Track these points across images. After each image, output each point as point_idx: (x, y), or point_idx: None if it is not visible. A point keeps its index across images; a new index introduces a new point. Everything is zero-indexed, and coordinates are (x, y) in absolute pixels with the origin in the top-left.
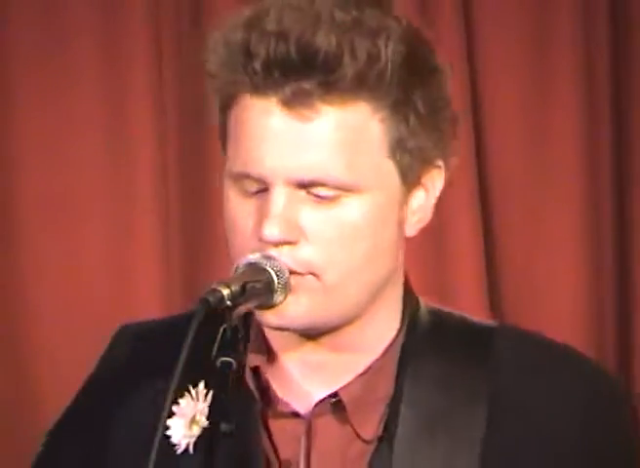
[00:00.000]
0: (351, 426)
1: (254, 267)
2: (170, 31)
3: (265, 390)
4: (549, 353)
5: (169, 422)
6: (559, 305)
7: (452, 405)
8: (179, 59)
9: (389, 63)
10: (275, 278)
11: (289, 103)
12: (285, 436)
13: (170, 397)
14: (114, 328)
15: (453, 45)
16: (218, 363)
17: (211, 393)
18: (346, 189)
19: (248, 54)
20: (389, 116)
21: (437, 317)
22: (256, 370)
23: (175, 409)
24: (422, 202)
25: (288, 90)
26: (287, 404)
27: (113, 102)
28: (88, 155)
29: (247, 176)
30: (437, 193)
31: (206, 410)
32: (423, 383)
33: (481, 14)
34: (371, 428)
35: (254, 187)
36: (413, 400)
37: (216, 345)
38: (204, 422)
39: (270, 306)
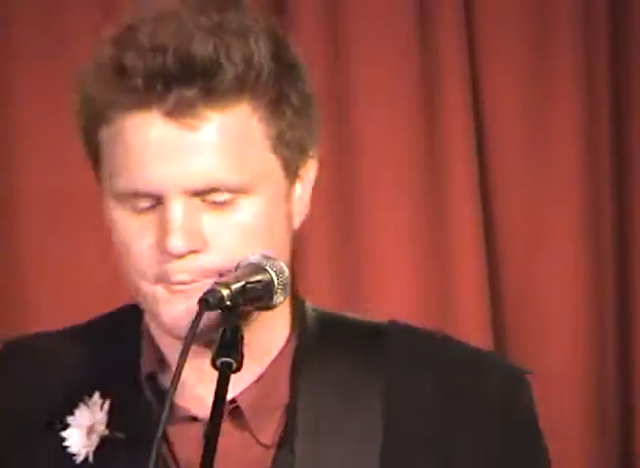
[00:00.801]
0: (250, 432)
1: (254, 267)
2: None
3: (162, 395)
4: (440, 347)
5: (64, 434)
6: (559, 306)
7: (348, 405)
8: None
9: (264, 63)
10: (275, 279)
11: (172, 113)
12: (183, 440)
13: (167, 403)
14: None
15: (453, 45)
16: (218, 363)
17: (108, 402)
18: (239, 191)
19: (122, 71)
20: (268, 113)
21: (326, 318)
22: (152, 377)
23: (70, 419)
24: (300, 193)
25: (171, 100)
26: (184, 408)
27: None
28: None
29: (135, 194)
30: (312, 184)
31: (104, 419)
32: (318, 386)
33: (482, 14)
34: (270, 433)
35: (145, 203)
36: (309, 404)
37: (216, 345)
38: (103, 431)
39: (269, 307)
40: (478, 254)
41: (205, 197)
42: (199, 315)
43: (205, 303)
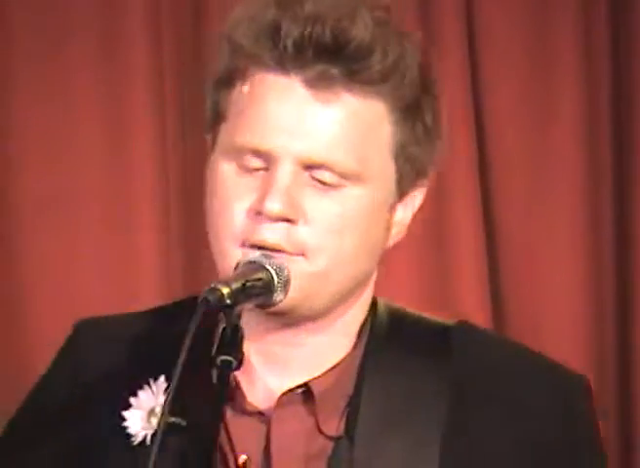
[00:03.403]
0: (316, 421)
1: (254, 266)
2: (170, 28)
3: (233, 388)
4: (504, 349)
5: (125, 414)
6: (559, 302)
7: (411, 402)
8: (179, 56)
9: (411, 69)
10: (275, 277)
11: (312, 84)
12: (245, 435)
13: (170, 398)
14: None
15: (454, 33)
16: (218, 361)
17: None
18: (351, 178)
19: (278, 32)
20: (400, 120)
21: (395, 314)
22: None
23: (132, 400)
24: (401, 216)
25: (315, 71)
26: (251, 403)
27: (113, 102)
28: (87, 155)
29: (251, 151)
30: (414, 211)
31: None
32: (382, 381)
33: (483, 7)
34: (333, 424)
35: (255, 163)
36: (373, 397)
37: (215, 344)
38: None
39: (270, 305)
40: (478, 250)
41: (314, 173)
42: (198, 313)
43: (205, 302)
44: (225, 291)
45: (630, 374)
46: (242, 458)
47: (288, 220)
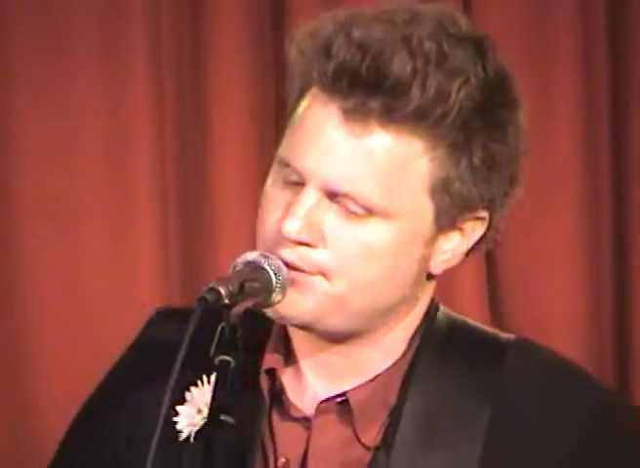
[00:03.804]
0: (353, 429)
1: (252, 266)
2: (169, 31)
3: (279, 392)
4: (559, 372)
5: (179, 409)
6: (558, 301)
7: (454, 417)
8: (178, 59)
9: (456, 106)
10: (273, 277)
11: (348, 114)
12: (289, 437)
13: (168, 393)
14: (113, 328)
15: None
16: (216, 361)
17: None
18: (376, 212)
19: (327, 53)
20: (441, 157)
21: (454, 325)
22: (271, 372)
23: (188, 396)
24: (455, 246)
25: (350, 102)
26: (298, 408)
27: (113, 104)
28: (87, 156)
29: (288, 165)
30: (473, 242)
31: (209, 402)
32: (427, 393)
33: (481, 7)
34: (372, 434)
35: (293, 177)
36: (415, 409)
37: (213, 344)
38: (205, 413)
39: (268, 305)
40: (478, 263)
41: (340, 200)
42: (197, 313)
43: (203, 301)
44: (223, 290)
45: (629, 374)
46: (281, 461)
47: (307, 244)
